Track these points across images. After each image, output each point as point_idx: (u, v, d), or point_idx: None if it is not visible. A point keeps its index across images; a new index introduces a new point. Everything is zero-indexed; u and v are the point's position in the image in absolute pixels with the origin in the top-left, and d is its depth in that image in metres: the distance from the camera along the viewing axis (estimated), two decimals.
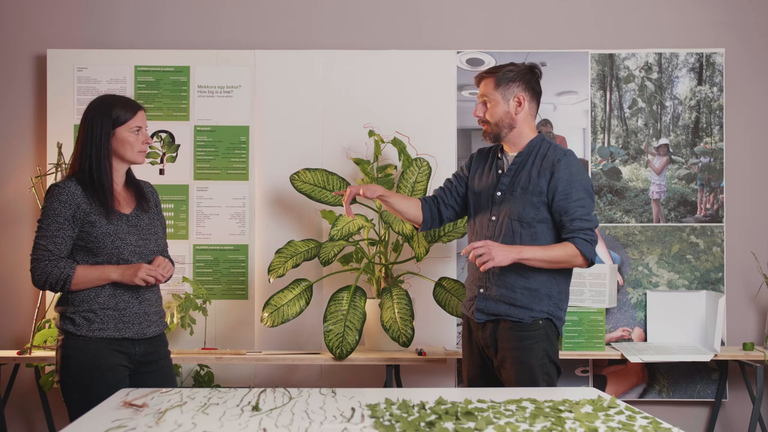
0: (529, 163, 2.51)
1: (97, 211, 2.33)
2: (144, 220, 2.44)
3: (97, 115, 2.37)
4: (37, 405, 3.55)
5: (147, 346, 2.42)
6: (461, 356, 2.80)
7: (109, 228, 2.33)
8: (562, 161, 2.46)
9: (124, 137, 2.37)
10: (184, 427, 1.64)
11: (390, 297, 3.26)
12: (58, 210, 2.30)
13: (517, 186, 2.49)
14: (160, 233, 2.50)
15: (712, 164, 3.65)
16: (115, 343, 2.34)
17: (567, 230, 2.44)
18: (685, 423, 3.62)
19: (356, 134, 3.58)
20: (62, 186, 2.33)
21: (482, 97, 2.55)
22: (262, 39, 3.71)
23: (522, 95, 2.51)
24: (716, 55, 3.65)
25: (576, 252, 2.41)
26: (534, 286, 2.46)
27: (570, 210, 2.44)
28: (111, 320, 2.34)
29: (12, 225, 3.64)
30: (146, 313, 2.41)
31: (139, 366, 2.41)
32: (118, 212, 2.37)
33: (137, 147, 2.39)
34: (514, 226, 2.47)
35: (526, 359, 2.44)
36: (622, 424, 1.68)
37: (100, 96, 2.44)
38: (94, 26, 3.71)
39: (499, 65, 2.58)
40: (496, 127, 2.53)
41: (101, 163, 2.35)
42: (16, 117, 3.69)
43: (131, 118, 2.38)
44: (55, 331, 3.36)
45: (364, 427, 1.63)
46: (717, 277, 3.62)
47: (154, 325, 2.44)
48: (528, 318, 2.46)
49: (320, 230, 3.59)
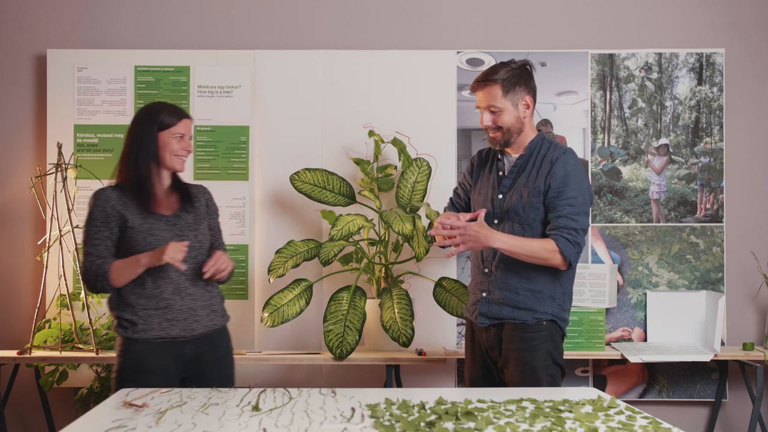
0: (530, 164, 2.47)
1: (134, 213, 2.37)
2: (186, 220, 2.46)
3: (145, 119, 2.42)
4: (37, 405, 3.55)
5: (197, 346, 2.41)
6: (462, 356, 2.79)
7: (142, 227, 2.37)
8: (560, 159, 2.42)
9: (165, 141, 2.41)
10: (184, 427, 1.64)
11: (390, 297, 3.26)
12: (94, 214, 2.38)
13: (518, 188, 2.46)
14: (203, 232, 2.49)
15: (712, 164, 3.65)
16: (161, 345, 2.35)
17: (551, 227, 2.37)
18: (685, 423, 3.63)
19: (356, 134, 3.58)
20: (99, 191, 2.41)
21: (489, 106, 2.45)
22: (262, 39, 3.71)
23: (528, 98, 2.47)
24: (716, 55, 3.65)
25: (555, 249, 2.33)
26: (537, 287, 2.43)
27: (558, 207, 2.38)
28: (155, 319, 2.35)
29: (12, 225, 3.65)
30: (191, 308, 2.40)
31: (192, 369, 2.40)
32: (156, 214, 2.41)
33: (175, 152, 2.43)
34: (516, 228, 2.44)
35: (530, 360, 2.41)
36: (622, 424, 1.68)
37: (150, 102, 2.50)
38: (94, 26, 3.71)
39: (493, 69, 2.47)
40: (507, 134, 2.47)
41: (142, 166, 2.39)
42: (16, 117, 3.69)
43: (175, 124, 2.43)
44: (55, 332, 3.36)
45: (364, 427, 1.63)
46: (717, 277, 3.62)
47: (205, 320, 2.42)
48: (532, 319, 2.43)
49: (320, 230, 3.59)
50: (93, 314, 3.45)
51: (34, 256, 3.60)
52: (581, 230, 2.37)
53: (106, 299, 2.50)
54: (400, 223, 3.18)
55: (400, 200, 3.38)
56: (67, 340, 3.35)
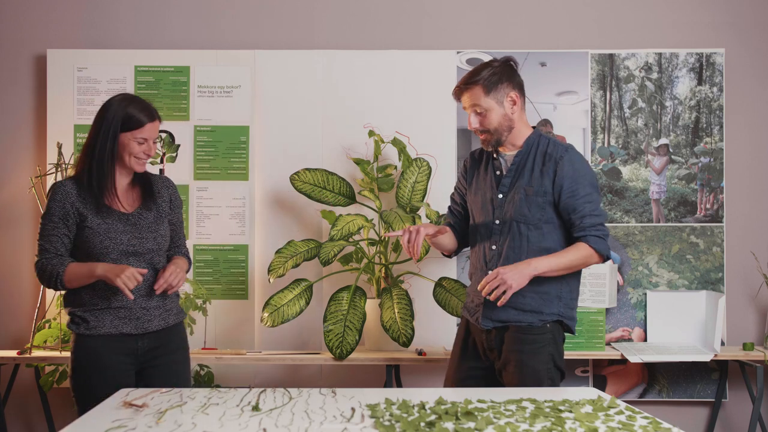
0: (529, 161, 2.43)
1: (92, 210, 2.32)
2: (146, 219, 2.40)
3: (108, 115, 2.34)
4: (37, 405, 3.55)
5: (152, 341, 2.38)
6: None
7: (100, 227, 2.32)
8: (565, 158, 2.39)
9: (125, 143, 2.34)
10: (184, 427, 1.64)
11: (390, 297, 3.26)
12: (52, 209, 2.33)
13: (519, 187, 2.42)
14: (163, 233, 2.44)
15: (712, 164, 3.65)
16: (114, 340, 2.32)
17: (578, 228, 2.37)
18: (685, 423, 3.62)
19: (356, 134, 3.58)
20: (59, 185, 2.34)
21: (473, 107, 2.42)
22: (262, 39, 3.71)
23: (513, 93, 2.42)
24: (716, 55, 3.65)
25: (591, 252, 2.35)
26: (544, 289, 2.40)
27: (578, 207, 2.37)
28: (107, 317, 2.32)
29: (12, 225, 3.64)
30: (145, 308, 2.36)
31: (145, 362, 2.38)
32: (116, 211, 2.35)
33: (135, 154, 2.35)
34: (521, 228, 2.41)
35: (532, 363, 2.38)
36: (622, 424, 1.68)
37: (119, 95, 2.39)
38: (94, 26, 3.71)
39: (474, 71, 2.43)
40: (496, 134, 2.43)
41: (102, 163, 2.32)
42: (16, 117, 3.69)
43: (139, 127, 2.34)
44: (55, 332, 3.36)
45: (364, 427, 1.63)
46: (717, 277, 3.62)
47: (158, 319, 2.39)
48: (538, 322, 2.40)
49: (320, 230, 3.59)
50: None
51: (34, 256, 3.60)
52: (605, 221, 2.42)
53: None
54: (400, 223, 3.18)
55: (400, 200, 3.38)
56: (67, 340, 3.35)
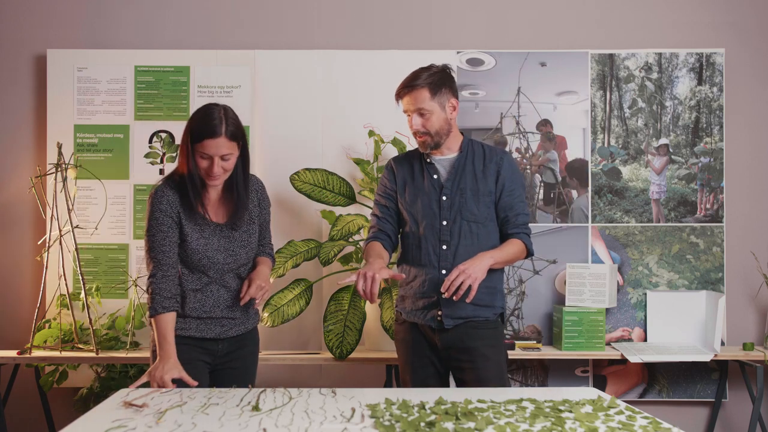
0: (468, 163, 2.54)
1: (190, 222, 2.31)
2: (239, 229, 2.38)
3: (189, 122, 2.27)
4: (37, 405, 3.55)
5: (231, 345, 2.42)
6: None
7: (198, 244, 2.31)
8: (505, 159, 2.55)
9: (195, 154, 2.26)
10: (184, 427, 1.64)
11: (390, 297, 3.26)
12: (160, 219, 2.28)
13: (465, 188, 2.51)
14: (254, 241, 2.42)
15: (712, 164, 3.65)
16: (197, 341, 2.36)
17: (512, 225, 2.52)
18: (685, 423, 3.63)
19: (356, 134, 3.58)
20: (160, 192, 2.30)
21: (418, 110, 2.47)
22: (262, 39, 3.71)
23: (453, 100, 2.53)
24: (716, 55, 3.65)
25: (524, 247, 2.51)
26: (492, 283, 2.52)
27: (515, 206, 2.53)
28: (192, 324, 2.35)
29: (12, 225, 3.65)
30: (230, 318, 2.40)
31: (221, 363, 2.42)
32: (210, 223, 2.34)
33: (202, 168, 2.27)
34: (471, 227, 2.50)
35: (495, 356, 2.49)
36: (622, 424, 1.68)
37: (206, 105, 2.29)
38: (94, 26, 3.71)
39: (415, 74, 2.49)
40: (437, 136, 2.50)
41: (191, 172, 2.27)
42: (16, 117, 3.69)
43: (198, 142, 2.23)
44: (55, 332, 3.36)
45: (364, 427, 1.63)
46: (717, 277, 3.62)
47: (239, 326, 2.43)
48: (492, 315, 2.52)
49: (320, 230, 3.58)
50: (93, 314, 3.45)
51: (34, 256, 3.60)
52: (528, 220, 2.60)
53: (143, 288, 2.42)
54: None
55: None
56: (67, 340, 3.35)
